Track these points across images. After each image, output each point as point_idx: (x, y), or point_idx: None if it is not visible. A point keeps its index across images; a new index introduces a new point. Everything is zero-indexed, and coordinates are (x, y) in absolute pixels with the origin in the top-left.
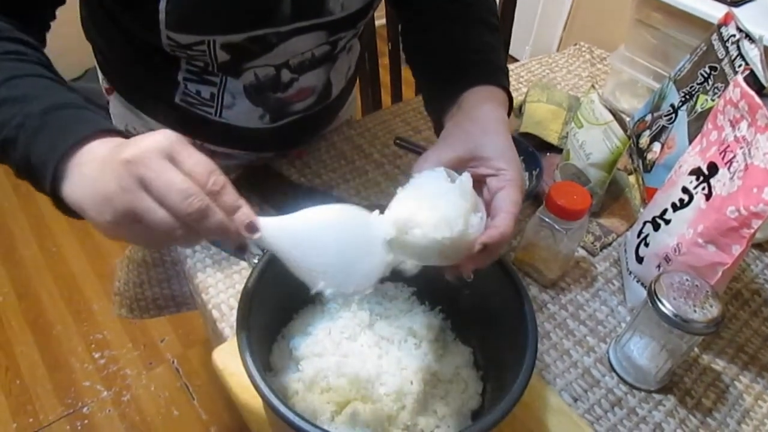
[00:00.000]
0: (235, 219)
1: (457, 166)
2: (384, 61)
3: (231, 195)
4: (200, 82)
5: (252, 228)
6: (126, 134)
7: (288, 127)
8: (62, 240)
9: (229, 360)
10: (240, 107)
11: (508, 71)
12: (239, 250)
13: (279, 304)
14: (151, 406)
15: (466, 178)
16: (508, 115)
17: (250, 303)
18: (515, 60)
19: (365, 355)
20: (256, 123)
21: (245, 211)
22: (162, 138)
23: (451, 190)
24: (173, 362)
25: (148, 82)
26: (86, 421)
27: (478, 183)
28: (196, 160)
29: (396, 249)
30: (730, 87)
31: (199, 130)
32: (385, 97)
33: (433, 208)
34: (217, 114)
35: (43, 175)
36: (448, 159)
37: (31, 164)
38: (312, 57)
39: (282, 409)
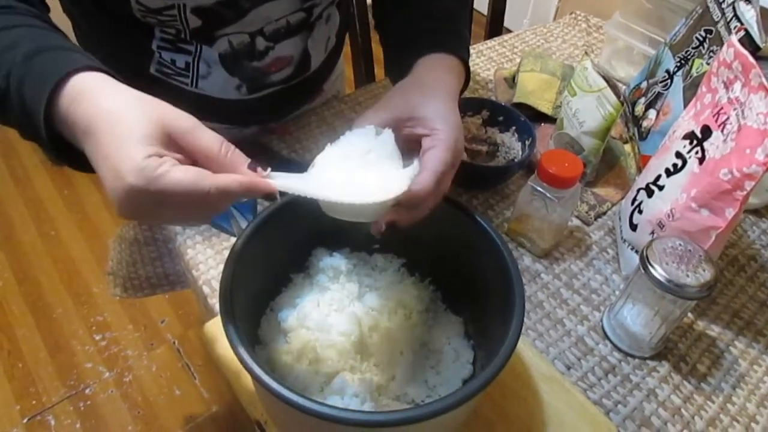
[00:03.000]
0: (251, 194)
1: (394, 126)
2: (377, 36)
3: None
4: (175, 50)
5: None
6: (107, 71)
7: (266, 99)
8: (60, 223)
9: (219, 334)
10: (216, 77)
11: (468, 40)
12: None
13: (266, 277)
14: (153, 386)
15: (387, 135)
16: (466, 84)
17: (233, 276)
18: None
19: (354, 326)
20: (232, 94)
21: (260, 188)
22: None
23: (374, 146)
24: (174, 343)
25: (123, 52)
26: (89, 402)
27: (415, 143)
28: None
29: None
30: (724, 48)
31: (177, 102)
32: (379, 72)
33: (347, 166)
34: (193, 84)
35: (38, 125)
36: (383, 119)
37: (27, 113)
38: (287, 25)
39: (266, 379)
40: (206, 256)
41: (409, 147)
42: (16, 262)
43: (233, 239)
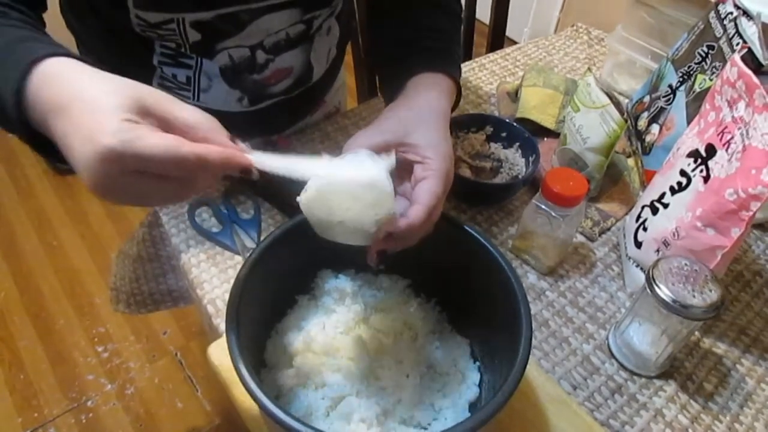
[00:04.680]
0: (228, 167)
1: (385, 150)
2: None
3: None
4: (175, 65)
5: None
6: (83, 59)
7: (268, 111)
8: (63, 233)
9: (224, 356)
10: (217, 90)
11: (460, 59)
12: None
13: (272, 300)
14: (155, 398)
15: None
16: (456, 103)
17: (239, 300)
18: (514, 43)
19: (360, 349)
20: (234, 106)
21: (238, 162)
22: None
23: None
24: (176, 354)
25: (125, 67)
26: (91, 415)
27: (406, 169)
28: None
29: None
30: (728, 66)
31: None
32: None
33: (339, 184)
34: (195, 98)
35: (9, 111)
36: (376, 143)
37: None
38: (287, 37)
39: (273, 408)
40: (210, 275)
41: (399, 170)
42: (18, 272)
43: (238, 257)
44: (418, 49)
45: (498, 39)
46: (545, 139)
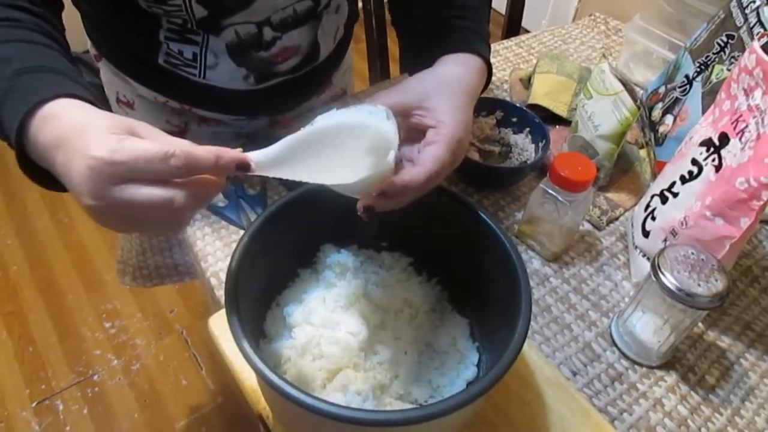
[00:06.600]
0: (221, 165)
1: (403, 112)
2: (393, 33)
3: (202, 152)
4: (182, 41)
5: (244, 167)
6: (92, 101)
7: (275, 89)
8: (74, 211)
9: (225, 327)
10: (223, 67)
11: (488, 36)
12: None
13: (273, 272)
14: (160, 375)
15: (392, 122)
16: (487, 82)
17: (239, 268)
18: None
19: (359, 324)
20: (240, 84)
21: (230, 155)
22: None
23: (378, 128)
24: (182, 333)
25: (131, 43)
26: (96, 389)
27: (420, 133)
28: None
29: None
30: (746, 54)
31: (185, 93)
32: (394, 70)
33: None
34: (201, 75)
35: (9, 140)
36: (395, 102)
37: (3, 128)
38: (294, 13)
39: (268, 373)
40: (215, 248)
41: (414, 136)
42: (29, 248)
43: (242, 232)
44: (449, 27)
45: (513, 30)
46: (557, 126)
